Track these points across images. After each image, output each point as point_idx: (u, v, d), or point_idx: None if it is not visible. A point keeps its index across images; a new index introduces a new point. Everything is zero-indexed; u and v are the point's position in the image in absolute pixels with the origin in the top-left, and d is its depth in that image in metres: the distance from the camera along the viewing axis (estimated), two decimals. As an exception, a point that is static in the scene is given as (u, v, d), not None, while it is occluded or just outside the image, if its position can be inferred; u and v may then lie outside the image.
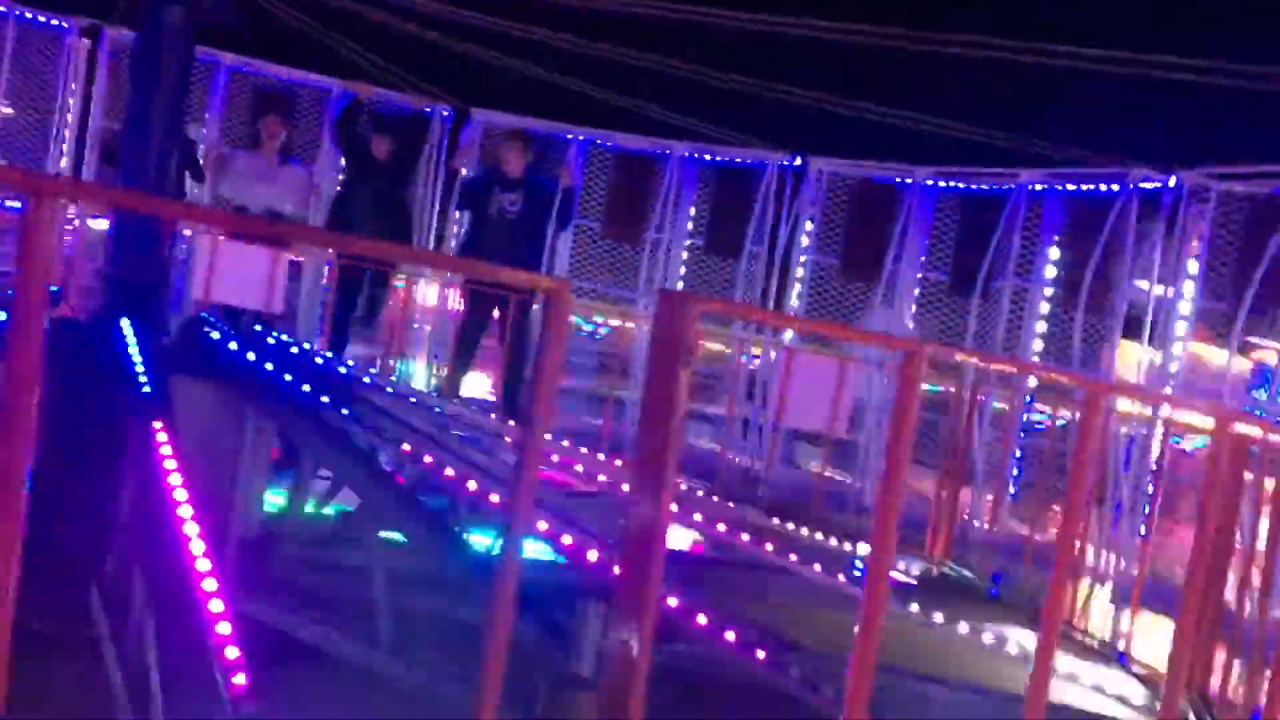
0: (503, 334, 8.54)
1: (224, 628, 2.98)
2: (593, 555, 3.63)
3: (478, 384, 9.29)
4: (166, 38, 4.98)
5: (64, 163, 9.29)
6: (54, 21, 9.26)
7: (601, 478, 5.46)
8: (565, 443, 5.85)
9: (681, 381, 1.74)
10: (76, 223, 8.92)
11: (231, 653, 2.89)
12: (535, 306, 7.83)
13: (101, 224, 8.01)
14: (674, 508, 2.53)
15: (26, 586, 1.90)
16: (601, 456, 6.06)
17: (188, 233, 7.76)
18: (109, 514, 4.19)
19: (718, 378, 9.87)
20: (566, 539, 3.71)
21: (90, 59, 9.15)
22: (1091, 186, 7.98)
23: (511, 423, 6.42)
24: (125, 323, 4.51)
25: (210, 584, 3.18)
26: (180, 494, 3.66)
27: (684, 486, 5.94)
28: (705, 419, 9.63)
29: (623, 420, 8.96)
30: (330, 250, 9.10)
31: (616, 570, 2.06)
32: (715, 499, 6.32)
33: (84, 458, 2.81)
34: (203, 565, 3.26)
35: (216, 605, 3.08)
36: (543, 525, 3.70)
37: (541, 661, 2.93)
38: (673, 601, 3.50)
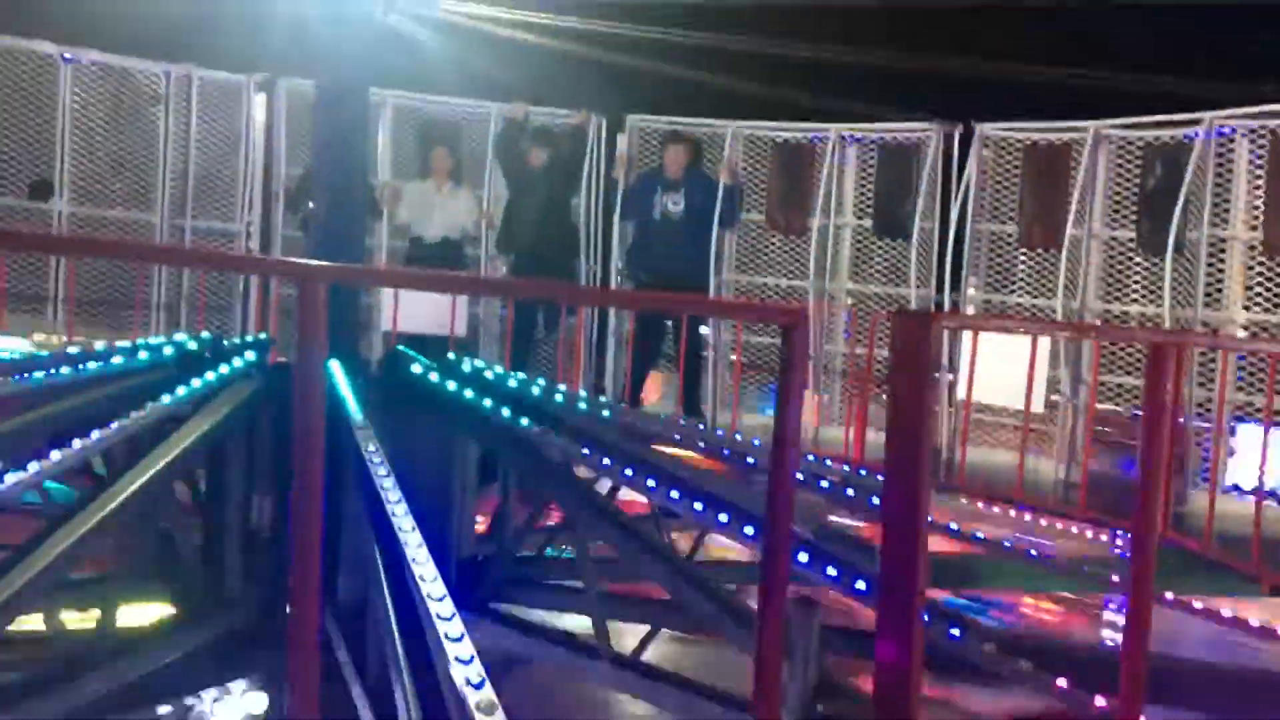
0: (677, 340, 8.62)
1: (464, 649, 3.09)
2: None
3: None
4: (346, 84, 5.20)
5: (252, 212, 9.82)
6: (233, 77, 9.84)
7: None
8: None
9: (928, 400, 1.71)
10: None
11: (474, 673, 2.99)
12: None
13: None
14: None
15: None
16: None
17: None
18: (337, 543, 4.42)
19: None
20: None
21: (268, 111, 9.66)
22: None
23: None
24: (334, 363, 4.73)
25: (445, 608, 3.31)
26: (404, 522, 3.83)
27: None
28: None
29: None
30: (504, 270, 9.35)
31: (877, 584, 2.03)
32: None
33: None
34: (436, 590, 3.39)
35: (455, 628, 3.20)
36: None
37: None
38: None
